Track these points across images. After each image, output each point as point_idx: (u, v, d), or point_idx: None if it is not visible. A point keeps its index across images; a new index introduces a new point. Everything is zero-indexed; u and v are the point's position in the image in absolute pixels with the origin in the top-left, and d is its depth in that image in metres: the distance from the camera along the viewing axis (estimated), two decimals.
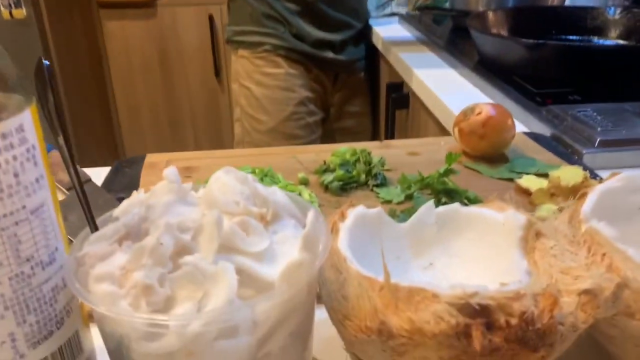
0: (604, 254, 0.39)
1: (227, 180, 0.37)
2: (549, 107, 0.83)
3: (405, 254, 0.47)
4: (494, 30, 1.13)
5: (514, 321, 0.32)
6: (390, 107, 1.28)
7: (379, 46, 1.46)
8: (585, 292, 0.34)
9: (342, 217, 0.44)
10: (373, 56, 1.55)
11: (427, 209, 0.46)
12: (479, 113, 0.68)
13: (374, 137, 1.60)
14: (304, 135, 1.45)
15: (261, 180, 0.63)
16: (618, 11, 1.14)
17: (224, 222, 0.33)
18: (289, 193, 0.42)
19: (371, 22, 1.55)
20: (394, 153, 0.74)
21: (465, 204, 0.52)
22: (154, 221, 0.34)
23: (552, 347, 0.33)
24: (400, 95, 1.25)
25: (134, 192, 0.37)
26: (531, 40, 0.92)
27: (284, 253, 0.34)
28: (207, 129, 2.41)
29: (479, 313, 0.32)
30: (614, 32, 1.12)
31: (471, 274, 0.46)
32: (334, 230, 0.42)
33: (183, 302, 0.31)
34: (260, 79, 1.43)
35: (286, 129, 1.43)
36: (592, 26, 1.16)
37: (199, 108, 2.41)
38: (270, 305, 0.31)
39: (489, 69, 1.03)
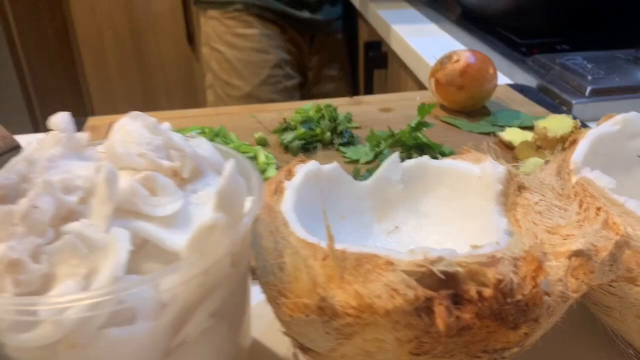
0: (598, 209, 0.32)
1: (133, 128, 0.29)
2: (535, 56, 0.76)
3: (367, 217, 0.40)
4: None
5: (487, 292, 0.25)
6: (368, 66, 1.20)
7: (356, 3, 1.37)
8: (577, 253, 0.28)
9: (290, 174, 0.37)
10: (351, 16, 1.47)
11: (391, 164, 0.39)
12: (457, 61, 0.61)
13: None
14: (282, 100, 1.36)
15: (211, 140, 0.55)
16: None
17: (121, 179, 0.26)
18: (223, 147, 0.35)
19: None
20: (364, 110, 0.67)
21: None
22: (33, 179, 0.27)
23: (537, 322, 0.27)
24: (378, 54, 1.18)
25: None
26: None
27: (203, 216, 0.27)
28: (182, 98, 2.31)
29: (444, 283, 0.25)
30: None
31: (443, 237, 0.39)
32: (278, 191, 0.36)
33: (64, 280, 0.24)
34: (233, 41, 1.34)
35: (262, 93, 1.35)
36: None
37: (173, 77, 2.30)
38: (177, 280, 0.24)
39: (472, 22, 0.96)
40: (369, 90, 1.24)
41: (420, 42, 0.93)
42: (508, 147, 0.55)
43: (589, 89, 0.65)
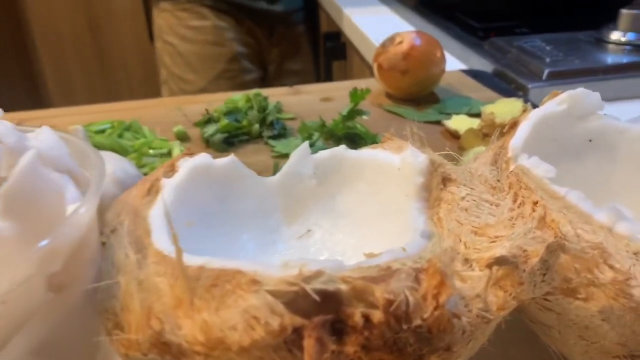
0: (535, 203, 0.27)
1: None
2: (492, 39, 0.71)
3: (275, 219, 0.34)
4: None
5: (377, 316, 0.19)
6: (327, 58, 1.14)
7: None
8: (499, 261, 0.22)
9: (172, 171, 0.31)
10: (313, 7, 1.40)
11: (301, 156, 0.33)
12: (400, 43, 0.55)
13: None
14: None
15: (120, 135, 0.49)
16: None
17: None
18: (75, 139, 0.28)
19: None
20: (304, 100, 0.61)
21: None
22: None
23: (450, 351, 0.21)
24: (337, 45, 1.12)
25: None
26: None
27: None
28: (145, 94, 2.23)
29: (321, 306, 0.19)
30: None
31: (361, 241, 0.33)
32: (153, 191, 0.29)
33: None
34: (185, 33, 1.27)
35: (218, 88, 1.28)
36: None
37: (136, 75, 2.22)
38: None
39: (430, 8, 0.90)
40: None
41: (374, 29, 0.88)
42: (454, 136, 0.49)
43: (546, 71, 0.59)
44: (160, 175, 0.30)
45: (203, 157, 0.31)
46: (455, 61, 0.73)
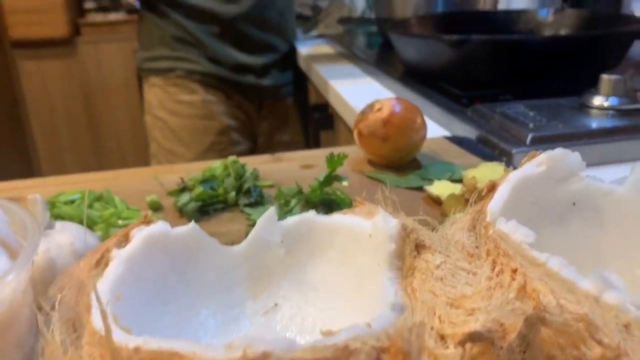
0: (514, 271, 0.24)
1: None
2: (475, 106, 0.71)
3: (239, 292, 0.31)
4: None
5: None
6: (315, 129, 1.15)
7: (303, 65, 1.34)
8: (472, 337, 0.19)
9: (125, 240, 0.28)
10: (302, 80, 1.43)
11: (268, 222, 0.31)
12: (379, 109, 0.54)
13: None
14: None
15: (90, 206, 0.47)
16: (551, 12, 1.06)
17: None
18: (17, 208, 0.26)
19: (298, 44, 1.44)
20: (285, 167, 0.60)
21: None
22: None
23: None
24: (324, 116, 1.13)
25: None
26: (454, 36, 0.81)
27: None
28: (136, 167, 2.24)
29: None
30: (548, 34, 1.03)
31: (331, 316, 0.30)
32: (103, 262, 0.27)
33: None
34: (175, 108, 1.28)
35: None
36: (526, 29, 1.06)
37: (128, 148, 2.24)
38: None
39: (415, 78, 0.92)
40: None
41: (358, 98, 0.88)
42: (436, 202, 0.48)
43: (530, 136, 0.59)
44: (112, 246, 0.27)
45: (160, 226, 0.29)
46: (438, 128, 0.73)
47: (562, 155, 0.31)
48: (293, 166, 0.60)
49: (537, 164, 0.32)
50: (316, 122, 1.16)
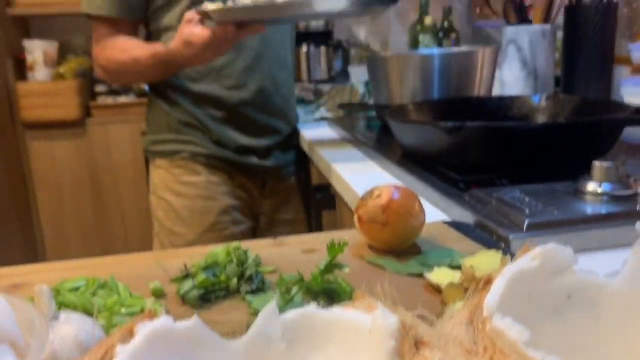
0: None
1: None
2: (472, 191, 0.72)
3: None
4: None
5: None
6: (316, 208, 1.16)
7: (306, 148, 1.38)
8: None
9: (129, 335, 0.29)
10: (304, 160, 1.47)
11: (269, 317, 0.32)
12: (379, 196, 0.56)
13: None
14: None
15: (93, 294, 0.47)
16: (544, 98, 1.10)
17: None
18: (24, 305, 0.27)
19: (300, 126, 1.49)
20: (286, 252, 0.61)
21: None
22: None
23: None
24: (326, 196, 1.15)
25: None
26: (449, 123, 0.84)
27: None
28: (140, 248, 2.24)
29: None
30: (541, 120, 1.07)
31: None
32: (106, 359, 0.27)
33: None
34: (179, 189, 1.31)
35: (208, 241, 1.28)
36: (520, 114, 1.10)
37: (133, 228, 2.25)
38: None
39: (412, 161, 0.94)
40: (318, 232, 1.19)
41: (359, 181, 0.91)
42: (436, 289, 0.48)
43: (526, 222, 0.60)
44: (116, 341, 0.28)
45: (163, 321, 0.29)
46: (437, 212, 0.74)
47: (555, 250, 0.33)
48: (295, 250, 0.61)
49: (531, 258, 0.33)
50: (318, 202, 1.18)
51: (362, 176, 0.95)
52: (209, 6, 1.00)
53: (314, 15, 1.36)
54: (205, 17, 1.01)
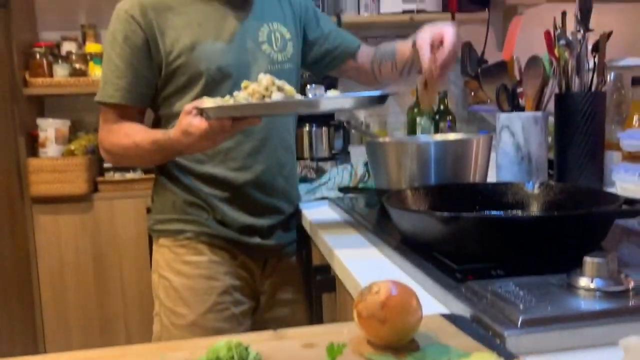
0: None
1: None
2: (469, 283, 0.75)
3: None
4: (414, 208, 1.10)
5: None
6: (316, 290, 1.18)
7: (308, 229, 1.40)
8: None
9: None
10: (304, 239, 1.50)
11: None
12: (377, 292, 0.58)
13: None
14: (229, 328, 1.30)
15: None
16: (537, 185, 1.14)
17: None
18: None
19: (301, 205, 1.53)
20: (287, 346, 0.62)
21: None
22: None
23: None
24: (326, 278, 1.16)
25: None
26: (445, 214, 0.88)
27: None
28: (140, 325, 2.22)
29: None
30: (535, 206, 1.10)
31: None
32: None
33: None
34: (181, 269, 1.33)
35: (208, 322, 1.29)
36: (514, 201, 1.14)
37: (133, 303, 2.24)
38: None
39: (410, 247, 0.97)
40: (319, 317, 1.20)
41: (360, 269, 0.93)
42: None
43: (520, 319, 0.62)
44: None
45: None
46: (435, 303, 0.76)
47: None
48: (294, 345, 0.62)
49: None
50: (319, 283, 1.19)
51: (362, 262, 0.97)
52: (206, 103, 1.06)
53: (311, 112, 1.44)
54: (202, 113, 1.06)
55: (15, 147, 2.18)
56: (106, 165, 2.27)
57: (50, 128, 2.15)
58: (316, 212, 1.45)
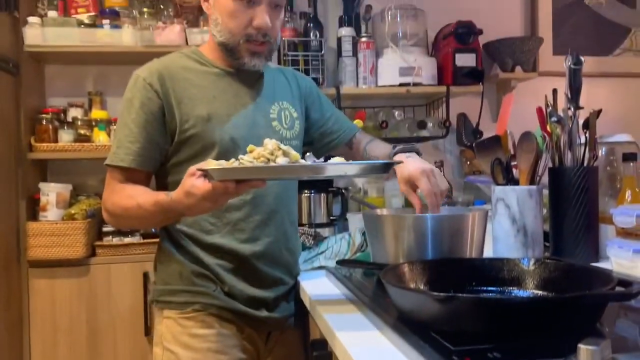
0: None
1: None
2: None
3: None
4: (411, 284, 1.10)
5: None
6: None
7: (307, 304, 1.40)
8: None
9: None
10: (303, 311, 1.49)
11: None
12: None
13: None
14: None
15: None
16: (532, 262, 1.15)
17: None
18: None
19: (300, 277, 1.53)
20: None
21: None
22: None
23: None
24: (324, 354, 1.15)
25: None
26: (441, 294, 0.88)
27: None
28: None
29: None
30: (530, 283, 1.11)
31: None
32: None
33: None
34: (189, 342, 1.30)
35: None
36: (510, 277, 1.15)
37: None
38: None
39: (407, 325, 0.97)
40: None
41: (358, 348, 0.93)
42: None
43: None
44: None
45: None
46: None
47: None
48: None
49: None
50: (316, 359, 1.18)
51: (361, 343, 0.97)
52: (210, 165, 1.06)
53: (315, 177, 1.47)
54: (207, 175, 1.06)
55: (16, 211, 2.19)
56: (105, 229, 2.28)
57: (52, 192, 2.17)
58: (314, 284, 1.45)
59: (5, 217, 2.10)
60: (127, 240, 2.23)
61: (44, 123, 2.29)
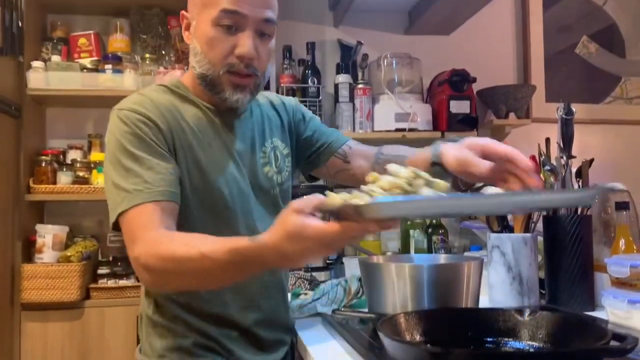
0: None
1: None
2: None
3: None
4: (407, 335, 1.10)
5: None
6: None
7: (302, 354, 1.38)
8: None
9: None
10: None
11: None
12: None
13: None
14: None
15: None
16: (527, 313, 1.16)
17: None
18: None
19: (297, 328, 1.51)
20: None
21: None
22: None
23: None
24: None
25: None
26: (437, 348, 0.89)
27: None
28: None
29: None
30: (525, 334, 1.11)
31: None
32: None
33: None
34: None
35: None
36: (506, 328, 1.15)
37: None
38: None
39: None
40: None
41: None
42: None
43: None
44: None
45: None
46: None
47: None
48: None
49: None
50: None
51: None
52: (336, 200, 0.82)
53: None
54: (354, 213, 0.78)
55: (11, 252, 2.19)
56: (100, 271, 2.26)
57: (48, 234, 2.17)
58: (312, 336, 1.42)
59: (0, 259, 2.09)
60: (122, 282, 2.22)
61: (43, 165, 2.31)
